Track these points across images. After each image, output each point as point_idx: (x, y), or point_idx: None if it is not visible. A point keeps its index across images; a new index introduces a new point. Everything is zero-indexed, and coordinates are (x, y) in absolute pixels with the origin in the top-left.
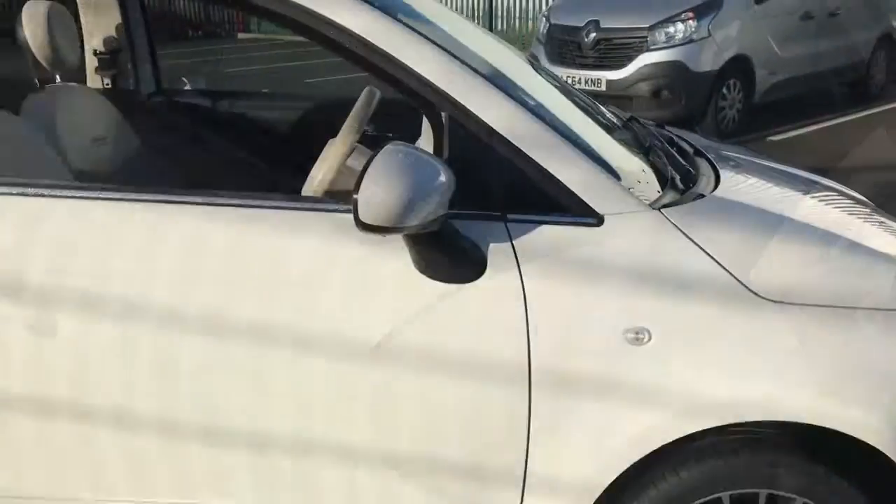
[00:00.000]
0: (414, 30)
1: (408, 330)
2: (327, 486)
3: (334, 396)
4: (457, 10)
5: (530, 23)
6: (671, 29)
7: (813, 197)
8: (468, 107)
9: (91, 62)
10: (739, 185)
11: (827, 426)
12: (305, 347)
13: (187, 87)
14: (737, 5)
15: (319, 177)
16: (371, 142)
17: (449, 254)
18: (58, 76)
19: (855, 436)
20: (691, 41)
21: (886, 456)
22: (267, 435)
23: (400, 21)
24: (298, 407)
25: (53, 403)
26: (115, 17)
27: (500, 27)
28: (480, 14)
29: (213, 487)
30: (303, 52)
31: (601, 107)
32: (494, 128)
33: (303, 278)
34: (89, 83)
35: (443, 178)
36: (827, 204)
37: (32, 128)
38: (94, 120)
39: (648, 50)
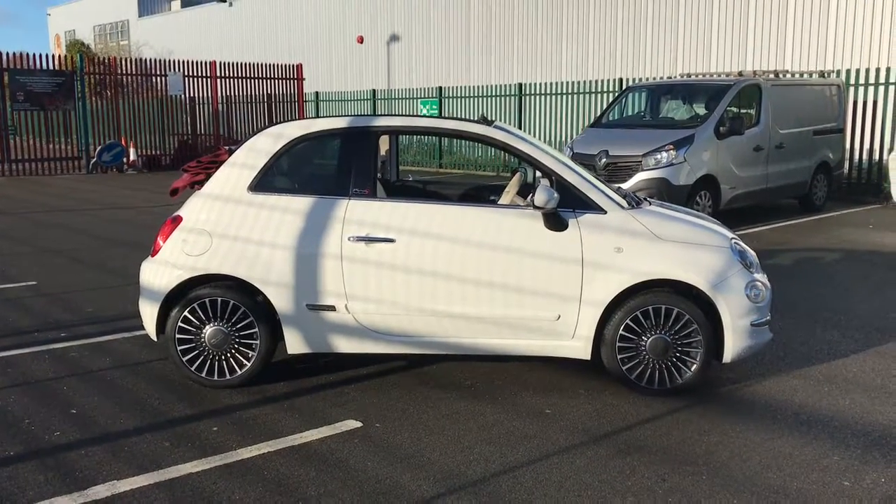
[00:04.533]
0: (542, 149)
1: (541, 245)
2: (488, 300)
3: (509, 268)
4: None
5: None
6: (658, 156)
7: (688, 213)
8: (562, 175)
9: None
10: (660, 207)
11: (682, 280)
12: (508, 251)
13: (410, 178)
14: (705, 140)
15: (506, 201)
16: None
17: (556, 221)
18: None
19: (693, 284)
20: (672, 164)
21: (704, 293)
22: (483, 283)
23: (536, 146)
24: (502, 271)
25: (428, 272)
26: (386, 145)
27: None
28: None
29: (463, 297)
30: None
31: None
32: (571, 182)
33: (508, 229)
34: None
35: (556, 195)
36: (692, 215)
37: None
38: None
39: (642, 170)
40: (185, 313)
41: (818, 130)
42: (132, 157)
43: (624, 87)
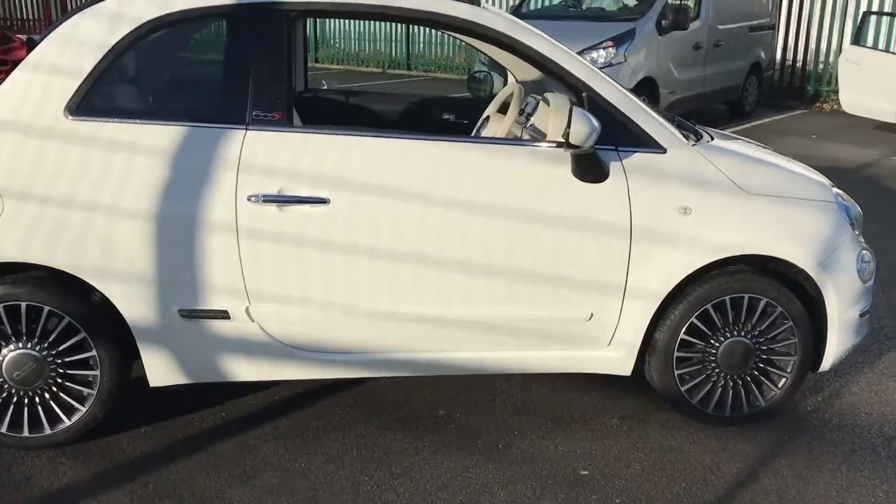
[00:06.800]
0: (561, 48)
1: (567, 205)
2: (482, 294)
3: (516, 243)
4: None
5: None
6: (595, 55)
7: (758, 147)
8: (599, 90)
9: None
10: (724, 140)
11: (777, 256)
12: (515, 216)
13: (325, 87)
14: (646, 36)
15: (499, 133)
16: (453, 126)
17: (593, 166)
18: None
19: (791, 261)
20: (611, 65)
21: (807, 274)
22: (475, 268)
23: (552, 42)
24: (505, 248)
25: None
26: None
27: (418, 50)
28: (402, 37)
29: (443, 292)
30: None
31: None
32: (612, 102)
33: (516, 180)
34: None
35: (597, 125)
36: (765, 150)
37: None
38: None
39: None
40: None
41: (753, 27)
42: None
43: None
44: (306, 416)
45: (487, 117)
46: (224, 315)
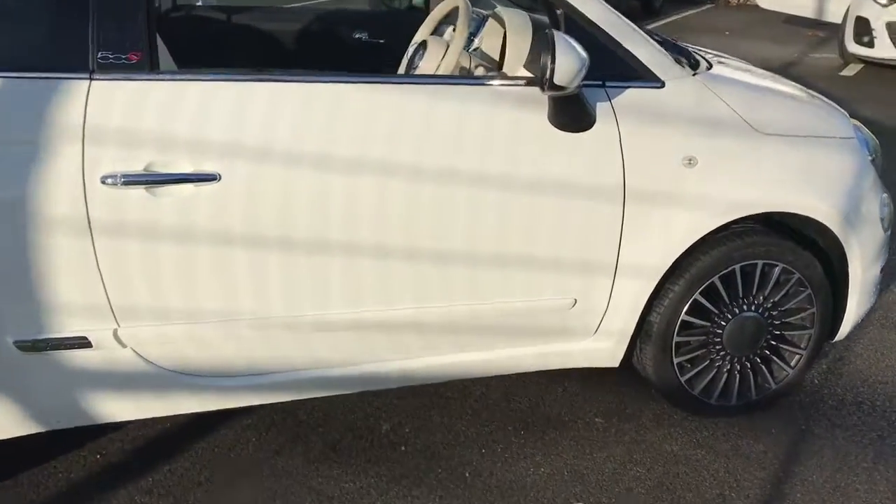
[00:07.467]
0: None
1: (543, 163)
2: (434, 286)
3: (477, 216)
4: None
5: None
6: None
7: (764, 75)
8: (578, 6)
9: None
10: (724, 66)
11: (796, 212)
12: (473, 181)
13: (199, 3)
14: None
15: (443, 66)
16: (368, 47)
17: (577, 110)
18: None
19: (816, 217)
20: None
21: (831, 231)
22: (422, 254)
23: None
24: (463, 223)
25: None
26: None
27: None
28: None
29: (382, 287)
30: None
31: None
32: (596, 21)
33: (475, 132)
34: None
35: (586, 56)
36: (775, 81)
37: None
38: None
39: None
40: None
41: None
42: None
43: None
44: (210, 451)
45: (423, 43)
46: (83, 343)
